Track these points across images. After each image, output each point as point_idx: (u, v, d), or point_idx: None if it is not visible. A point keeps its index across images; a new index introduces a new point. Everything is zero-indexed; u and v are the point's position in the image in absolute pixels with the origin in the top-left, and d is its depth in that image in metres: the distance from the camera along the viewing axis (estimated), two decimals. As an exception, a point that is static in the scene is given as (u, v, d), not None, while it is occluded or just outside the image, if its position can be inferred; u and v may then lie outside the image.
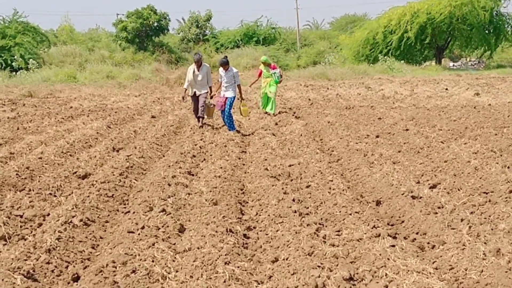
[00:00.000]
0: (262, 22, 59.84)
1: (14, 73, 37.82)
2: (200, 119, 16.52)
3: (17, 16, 46.02)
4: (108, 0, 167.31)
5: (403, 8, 49.26)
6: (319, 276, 5.47)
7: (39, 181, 9.77)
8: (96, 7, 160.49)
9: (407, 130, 15.12)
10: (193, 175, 10.71)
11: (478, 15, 47.37)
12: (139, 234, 6.91)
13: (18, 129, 16.33)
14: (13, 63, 39.14)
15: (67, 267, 6.29)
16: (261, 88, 20.01)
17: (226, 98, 15.71)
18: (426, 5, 47.91)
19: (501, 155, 11.23)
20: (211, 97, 16.47)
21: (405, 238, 7.11)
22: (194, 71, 16.08)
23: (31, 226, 7.58)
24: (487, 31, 50.29)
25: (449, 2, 46.76)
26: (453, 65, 58.15)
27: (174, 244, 6.72)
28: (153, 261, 6.09)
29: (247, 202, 9.06)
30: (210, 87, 16.31)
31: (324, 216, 7.81)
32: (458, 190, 8.85)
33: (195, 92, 16.24)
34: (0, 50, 41.57)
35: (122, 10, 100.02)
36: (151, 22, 49.44)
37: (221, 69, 15.90)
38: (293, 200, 8.33)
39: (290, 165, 11.08)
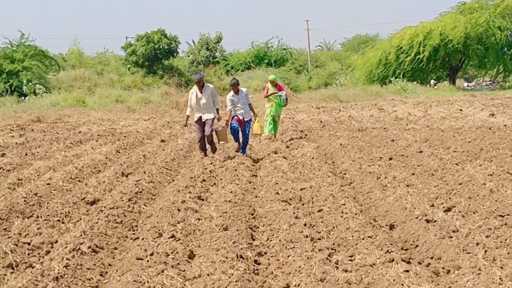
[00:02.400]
0: (273, 43, 60.13)
1: (22, 98, 38.13)
2: (205, 152, 15.16)
3: (24, 39, 46.36)
4: (117, 23, 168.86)
5: (415, 28, 49.34)
6: (331, 303, 5.45)
7: (47, 208, 9.82)
8: (105, 30, 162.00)
9: (420, 152, 15.08)
10: (203, 200, 10.72)
11: (494, 35, 47.41)
12: (148, 260, 6.90)
13: (26, 154, 16.43)
14: (23, 88, 39.42)
15: (75, 295, 6.29)
16: (266, 108, 19.13)
17: (244, 119, 14.99)
18: (439, 26, 47.93)
19: (517, 177, 11.18)
20: (218, 120, 14.94)
21: (419, 263, 7.07)
22: (196, 94, 14.53)
23: (38, 253, 7.60)
24: (502, 52, 50.25)
25: (464, 25, 46.78)
26: (468, 86, 58.16)
27: (184, 270, 6.72)
28: (162, 288, 6.08)
29: (258, 227, 9.04)
30: (217, 110, 14.79)
31: (336, 241, 7.79)
32: (474, 213, 8.80)
33: (200, 117, 14.67)
34: (8, 74, 41.91)
35: (131, 33, 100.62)
36: (161, 46, 49.76)
37: (231, 94, 14.98)
38: (305, 224, 8.31)
39: (301, 189, 11.07)
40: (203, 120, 14.65)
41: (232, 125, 14.92)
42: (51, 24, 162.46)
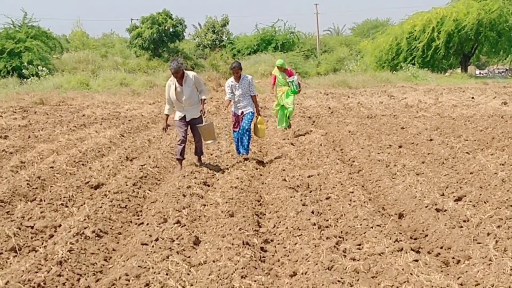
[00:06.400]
0: (280, 27, 59.88)
1: (25, 80, 38.15)
2: (181, 159, 12.02)
3: (27, 20, 46.20)
4: (122, 5, 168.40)
5: (428, 14, 49.03)
6: (339, 291, 5.47)
7: (50, 191, 9.86)
8: (110, 12, 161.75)
9: (431, 140, 15.06)
10: (208, 185, 10.74)
11: (507, 22, 47.14)
12: (153, 246, 6.93)
13: (29, 137, 16.48)
14: (23, 71, 39.39)
15: (78, 279, 6.33)
16: (276, 98, 17.35)
17: (243, 114, 12.80)
18: (452, 12, 47.65)
19: (529, 167, 11.15)
20: (203, 113, 12.05)
21: (428, 252, 7.07)
22: (176, 87, 11.55)
23: (42, 237, 7.64)
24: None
25: (478, 11, 46.53)
26: (480, 73, 57.97)
27: (189, 257, 6.74)
28: (167, 274, 6.10)
29: (265, 214, 9.06)
30: (202, 100, 11.78)
31: (344, 229, 7.80)
32: (485, 203, 8.79)
33: (184, 116, 11.79)
34: (9, 54, 41.86)
35: (137, 15, 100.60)
36: (166, 28, 49.68)
37: (230, 81, 12.88)
38: (312, 212, 8.32)
39: (309, 176, 11.07)
40: (187, 120, 11.82)
41: (233, 132, 13.10)
42: (54, 4, 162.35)
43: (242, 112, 12.79)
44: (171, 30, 50.40)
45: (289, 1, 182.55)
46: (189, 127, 11.90)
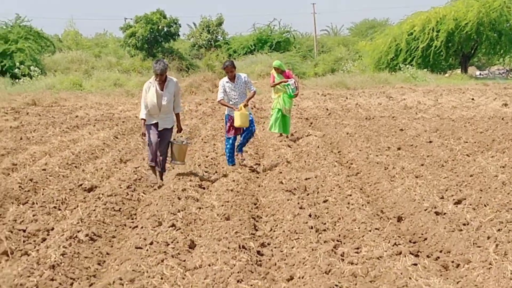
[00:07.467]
0: (275, 26, 59.89)
1: (17, 80, 38.11)
2: (159, 173, 11.27)
3: (20, 20, 46.39)
4: (115, 4, 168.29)
5: (427, 14, 49.03)
6: (336, 296, 5.48)
7: (43, 194, 9.84)
8: (103, 11, 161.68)
9: (430, 142, 15.09)
10: (204, 188, 10.74)
11: (508, 21, 47.15)
12: (147, 250, 6.93)
13: (21, 139, 16.45)
14: (16, 70, 39.37)
15: (72, 284, 6.32)
16: (273, 100, 16.57)
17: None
18: (452, 11, 47.66)
19: (530, 169, 11.18)
20: (179, 131, 11.81)
21: (428, 256, 7.09)
22: (156, 90, 10.89)
23: (34, 241, 7.63)
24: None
25: (478, 9, 46.54)
26: (480, 74, 57.99)
27: (184, 260, 6.75)
28: (162, 279, 6.12)
29: (261, 217, 9.07)
30: (178, 115, 11.47)
31: (342, 233, 7.81)
32: (485, 206, 8.81)
33: (157, 123, 11.06)
34: (1, 56, 41.88)
35: (130, 14, 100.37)
36: (160, 27, 49.65)
37: (225, 80, 12.15)
38: (310, 215, 8.33)
39: (306, 179, 11.07)
40: (159, 129, 11.10)
41: (227, 138, 12.31)
42: (47, 4, 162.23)
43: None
44: (165, 29, 50.33)
45: (286, 1, 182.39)
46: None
